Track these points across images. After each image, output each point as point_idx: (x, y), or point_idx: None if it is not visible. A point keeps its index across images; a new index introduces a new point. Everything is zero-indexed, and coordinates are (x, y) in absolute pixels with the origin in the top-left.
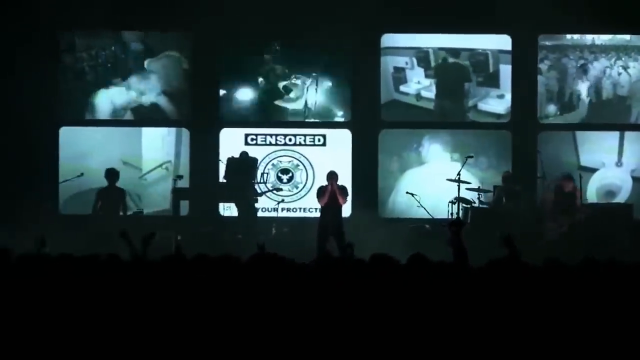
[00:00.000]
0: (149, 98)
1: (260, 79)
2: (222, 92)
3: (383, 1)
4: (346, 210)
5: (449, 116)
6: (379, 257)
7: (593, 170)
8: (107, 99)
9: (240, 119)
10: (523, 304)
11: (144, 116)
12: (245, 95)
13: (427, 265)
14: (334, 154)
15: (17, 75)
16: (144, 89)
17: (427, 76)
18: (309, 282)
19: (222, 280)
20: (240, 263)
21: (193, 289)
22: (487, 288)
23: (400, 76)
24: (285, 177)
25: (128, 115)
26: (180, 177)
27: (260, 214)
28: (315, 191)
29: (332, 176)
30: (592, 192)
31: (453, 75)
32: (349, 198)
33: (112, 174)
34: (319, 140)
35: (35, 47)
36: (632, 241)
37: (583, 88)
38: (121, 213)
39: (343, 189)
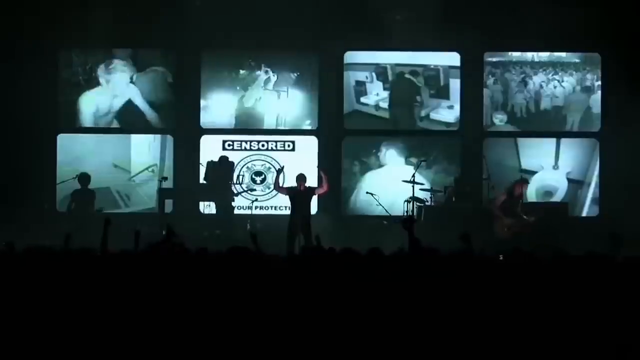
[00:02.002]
0: (137, 108)
1: (237, 92)
2: (202, 102)
3: (346, 23)
4: (313, 208)
5: (404, 124)
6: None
7: (533, 173)
8: (100, 109)
9: (218, 127)
10: (476, 290)
11: (132, 124)
12: (223, 105)
13: (383, 258)
14: (302, 158)
15: (20, 88)
16: (132, 100)
17: (385, 89)
18: (284, 273)
19: (199, 271)
20: (217, 256)
21: (173, 279)
22: (444, 275)
23: (361, 89)
24: (258, 179)
25: (118, 123)
26: (165, 178)
27: (236, 211)
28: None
29: (301, 178)
30: (532, 192)
31: (407, 88)
32: (315, 197)
33: (84, 178)
34: (288, 145)
35: (37, 62)
36: (568, 235)
37: (524, 99)
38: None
39: (312, 188)
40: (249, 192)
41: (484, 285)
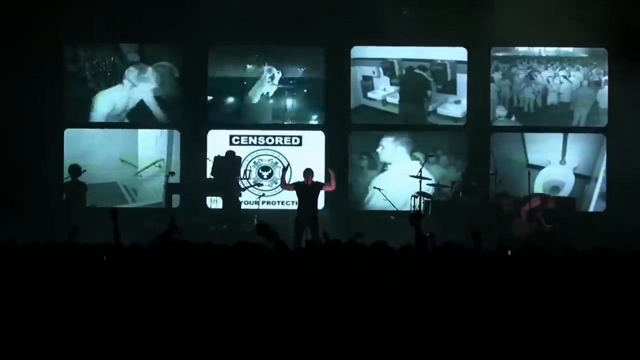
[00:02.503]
0: (144, 103)
1: (244, 87)
2: (209, 98)
3: (353, 18)
4: (320, 203)
5: (414, 119)
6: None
7: (540, 168)
8: (107, 104)
9: (225, 122)
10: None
11: (139, 119)
12: (230, 100)
13: (387, 252)
14: (309, 153)
15: (27, 83)
16: (139, 95)
17: (392, 84)
18: (290, 267)
19: (206, 266)
20: (225, 250)
21: (177, 273)
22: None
23: (368, 84)
24: (265, 174)
25: (125, 118)
26: (172, 173)
27: (243, 206)
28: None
29: (308, 173)
30: (539, 187)
31: (418, 83)
32: (322, 193)
33: (74, 170)
34: (295, 140)
35: (44, 58)
36: (575, 230)
37: (531, 94)
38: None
39: (319, 183)
40: (256, 187)
41: (491, 280)
